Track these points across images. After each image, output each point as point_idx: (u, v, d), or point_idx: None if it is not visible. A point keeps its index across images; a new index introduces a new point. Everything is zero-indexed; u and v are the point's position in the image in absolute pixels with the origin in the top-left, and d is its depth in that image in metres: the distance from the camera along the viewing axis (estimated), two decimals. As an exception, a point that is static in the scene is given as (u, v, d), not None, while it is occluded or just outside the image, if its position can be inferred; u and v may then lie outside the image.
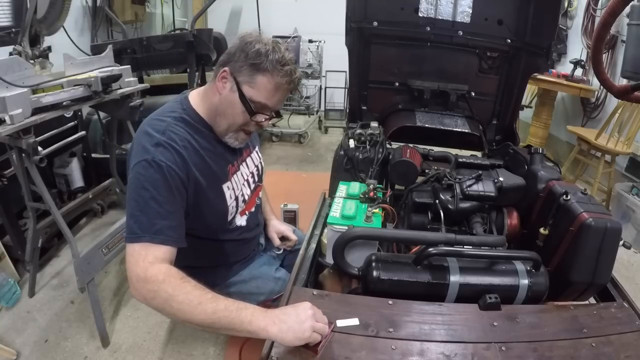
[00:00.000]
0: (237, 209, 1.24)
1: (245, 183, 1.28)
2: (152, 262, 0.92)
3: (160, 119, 1.07)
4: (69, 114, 2.23)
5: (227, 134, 1.13)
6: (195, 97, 1.15)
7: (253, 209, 1.35)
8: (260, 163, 1.40)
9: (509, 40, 1.80)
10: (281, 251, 1.53)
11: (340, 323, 0.91)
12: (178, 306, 0.87)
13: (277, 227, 1.51)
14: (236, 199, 1.22)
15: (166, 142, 1.00)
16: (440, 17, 1.77)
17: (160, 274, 0.90)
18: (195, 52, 2.78)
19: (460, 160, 1.58)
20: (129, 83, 2.06)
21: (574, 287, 1.16)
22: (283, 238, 1.52)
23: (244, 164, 1.29)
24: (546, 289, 1.06)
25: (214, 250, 1.27)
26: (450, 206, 1.37)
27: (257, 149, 1.40)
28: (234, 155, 1.24)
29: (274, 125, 4.64)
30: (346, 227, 1.18)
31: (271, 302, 1.29)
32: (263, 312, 0.87)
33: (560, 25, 3.70)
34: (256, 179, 1.36)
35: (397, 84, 1.95)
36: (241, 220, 1.29)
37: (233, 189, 1.20)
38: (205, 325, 0.87)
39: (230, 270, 1.35)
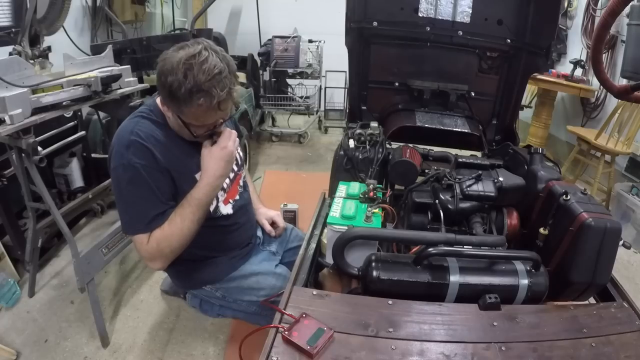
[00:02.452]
0: (217, 199, 1.27)
1: None
2: (148, 242, 1.13)
3: (130, 119, 1.18)
4: (68, 114, 2.23)
5: (196, 139, 1.19)
6: (163, 104, 1.20)
7: (237, 197, 1.37)
8: (237, 151, 1.41)
9: (509, 40, 1.79)
10: (275, 248, 1.55)
11: None
12: (177, 242, 1.15)
13: (266, 213, 1.59)
14: None
15: (135, 141, 1.10)
16: (440, 17, 1.77)
17: (154, 242, 1.13)
18: (195, 52, 2.78)
19: (460, 160, 1.58)
20: (129, 83, 2.06)
21: (573, 287, 1.16)
22: (273, 224, 1.58)
23: None
24: (546, 289, 1.06)
25: (208, 239, 1.29)
26: (450, 206, 1.37)
27: None
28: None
29: (274, 125, 4.66)
30: (346, 227, 1.18)
31: (273, 300, 1.30)
32: (203, 192, 1.15)
33: (560, 25, 3.70)
34: (234, 168, 1.37)
35: (397, 84, 1.95)
36: (226, 209, 1.31)
37: None
38: (196, 227, 1.16)
39: (230, 264, 1.36)
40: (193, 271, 1.34)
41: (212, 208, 1.25)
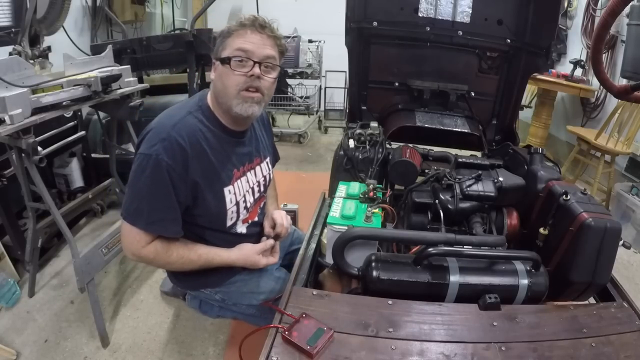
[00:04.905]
0: (238, 216, 1.24)
1: (250, 190, 1.28)
2: (144, 245, 1.08)
3: (177, 110, 1.12)
4: (68, 114, 2.23)
5: (232, 104, 1.10)
6: (210, 94, 1.19)
7: (256, 219, 1.36)
8: (269, 174, 1.39)
9: (508, 40, 1.80)
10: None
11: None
12: (169, 268, 1.22)
13: (272, 213, 1.40)
14: (237, 204, 1.22)
15: (173, 138, 1.04)
16: (440, 17, 1.77)
17: (150, 254, 1.09)
18: (195, 52, 2.77)
19: (460, 160, 1.58)
20: (129, 83, 2.06)
21: (573, 287, 1.16)
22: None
23: (252, 171, 1.29)
24: (546, 289, 1.06)
25: (214, 246, 1.25)
26: (450, 206, 1.37)
27: (268, 159, 1.38)
28: (242, 160, 1.24)
29: (274, 125, 4.65)
30: (346, 227, 1.18)
31: (273, 301, 1.29)
32: (219, 261, 1.21)
33: (560, 25, 3.70)
34: (262, 189, 1.35)
35: (396, 84, 1.95)
36: (242, 228, 1.30)
37: (235, 193, 1.21)
38: (193, 269, 1.20)
39: (230, 270, 1.35)
40: (193, 274, 1.32)
41: (230, 223, 1.23)
